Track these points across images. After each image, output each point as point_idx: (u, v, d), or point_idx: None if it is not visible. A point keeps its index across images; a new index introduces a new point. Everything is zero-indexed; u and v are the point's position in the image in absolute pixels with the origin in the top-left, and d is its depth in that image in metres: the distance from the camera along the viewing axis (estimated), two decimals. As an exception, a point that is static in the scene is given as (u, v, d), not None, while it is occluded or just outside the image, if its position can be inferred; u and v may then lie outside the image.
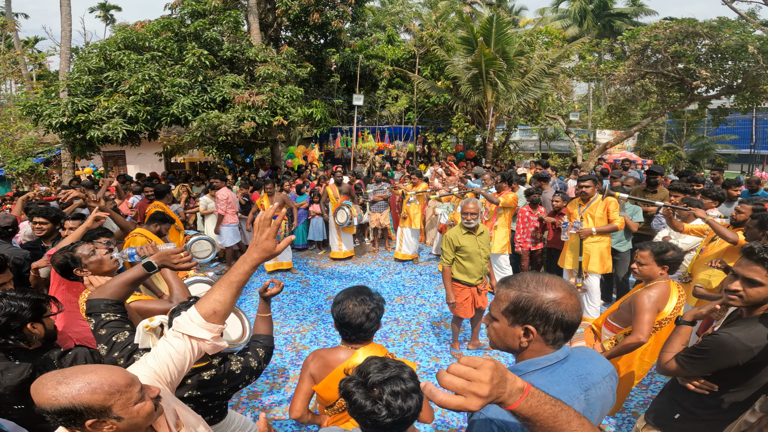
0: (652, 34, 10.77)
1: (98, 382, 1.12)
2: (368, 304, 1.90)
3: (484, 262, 4.19)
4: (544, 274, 1.25)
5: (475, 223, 4.11)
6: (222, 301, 1.44)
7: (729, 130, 21.79)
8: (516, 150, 17.78)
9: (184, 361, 1.44)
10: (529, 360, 1.24)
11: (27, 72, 20.60)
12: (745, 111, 12.60)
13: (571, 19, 28.42)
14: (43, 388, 1.09)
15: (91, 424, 1.11)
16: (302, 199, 8.21)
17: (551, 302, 1.18)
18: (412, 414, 1.30)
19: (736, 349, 1.83)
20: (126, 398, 1.15)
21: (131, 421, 1.17)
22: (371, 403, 1.29)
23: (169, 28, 10.05)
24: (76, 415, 1.09)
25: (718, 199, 4.46)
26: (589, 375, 1.25)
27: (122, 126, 8.28)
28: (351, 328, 1.90)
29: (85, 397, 1.09)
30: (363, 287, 2.01)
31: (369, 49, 14.20)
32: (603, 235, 4.76)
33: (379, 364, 1.37)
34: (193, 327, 1.43)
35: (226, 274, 1.47)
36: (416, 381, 1.34)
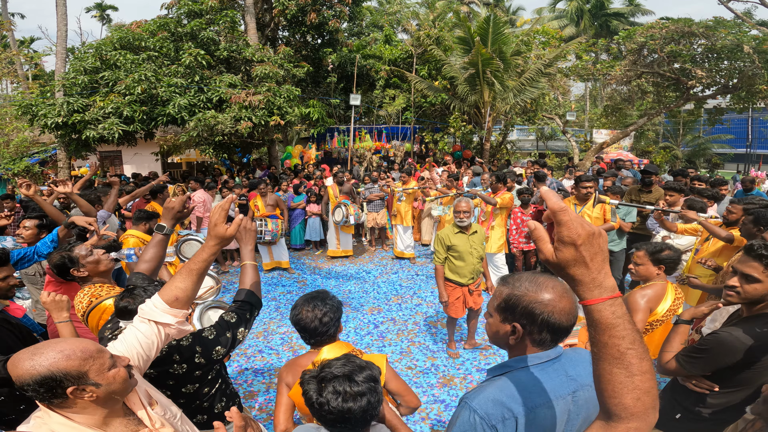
0: (649, 33, 10.79)
1: (70, 350, 1.18)
2: (321, 309, 1.97)
3: (476, 262, 4.16)
4: (542, 275, 1.25)
5: (467, 222, 4.09)
6: (184, 288, 1.53)
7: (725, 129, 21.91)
8: (513, 150, 17.80)
9: (152, 346, 1.51)
10: (520, 357, 1.25)
11: (23, 72, 20.51)
12: (740, 111, 12.65)
13: (567, 19, 28.49)
14: (20, 362, 1.14)
15: (71, 391, 1.16)
16: (300, 199, 8.20)
17: (539, 303, 1.17)
18: (356, 416, 1.32)
19: (736, 348, 1.84)
20: (99, 364, 1.21)
21: (109, 388, 1.23)
22: (316, 397, 1.33)
23: (165, 28, 10.01)
24: (56, 383, 1.14)
25: (713, 199, 4.48)
26: (578, 376, 1.25)
27: (118, 126, 8.25)
28: (307, 332, 1.98)
29: (62, 364, 1.15)
30: (320, 292, 2.07)
31: (366, 49, 14.19)
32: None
33: (341, 363, 1.39)
34: (158, 313, 1.51)
35: (188, 262, 1.58)
36: (370, 385, 1.35)
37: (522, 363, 1.23)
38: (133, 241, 4.14)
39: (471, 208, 4.10)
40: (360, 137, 13.21)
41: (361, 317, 5.46)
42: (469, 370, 4.20)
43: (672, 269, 2.70)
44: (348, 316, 5.46)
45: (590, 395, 1.23)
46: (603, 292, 0.82)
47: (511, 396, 1.17)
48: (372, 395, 1.34)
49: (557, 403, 1.19)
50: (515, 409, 1.15)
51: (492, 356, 4.45)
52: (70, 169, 11.61)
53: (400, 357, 4.46)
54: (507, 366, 1.26)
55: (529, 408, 1.15)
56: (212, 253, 1.58)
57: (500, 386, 1.20)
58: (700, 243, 3.70)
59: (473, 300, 4.25)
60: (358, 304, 5.89)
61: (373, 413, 1.37)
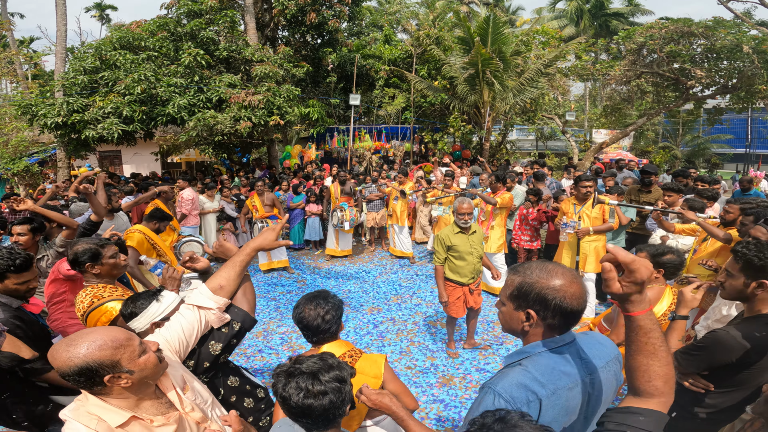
0: (648, 33, 10.79)
1: (102, 339, 1.26)
2: (323, 307, 2.01)
3: (476, 261, 4.17)
4: (550, 263, 1.31)
5: (470, 223, 4.10)
6: (227, 277, 1.72)
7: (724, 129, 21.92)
8: (513, 150, 17.80)
9: (192, 332, 1.64)
10: (535, 342, 1.30)
11: (22, 72, 20.49)
12: (740, 111, 12.67)
13: (567, 19, 28.49)
14: (57, 354, 1.23)
15: (108, 379, 1.25)
16: (299, 199, 8.20)
17: (550, 288, 1.23)
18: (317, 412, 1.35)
19: (732, 347, 1.85)
20: (130, 351, 1.29)
21: (142, 374, 1.31)
22: (281, 391, 1.37)
23: (165, 28, 10.01)
24: (93, 372, 1.23)
25: (713, 199, 4.48)
26: (593, 358, 1.31)
27: (117, 126, 8.25)
28: (309, 330, 2.02)
29: (96, 354, 1.23)
30: (321, 292, 2.11)
31: (366, 49, 14.19)
32: (599, 234, 4.79)
33: (312, 360, 1.43)
34: (203, 298, 1.67)
35: (233, 256, 1.78)
36: (335, 385, 1.38)
37: (539, 348, 1.29)
38: (138, 236, 4.13)
39: (473, 209, 4.11)
40: (359, 137, 13.21)
41: (360, 317, 5.46)
42: (468, 370, 4.20)
43: (672, 274, 2.63)
44: (348, 316, 5.47)
45: (605, 377, 1.32)
46: (645, 306, 1.09)
47: (534, 379, 1.22)
48: (336, 395, 1.37)
49: (577, 385, 1.26)
50: (539, 392, 1.20)
51: (491, 356, 4.46)
52: (70, 168, 11.61)
53: (399, 357, 4.46)
54: (524, 352, 1.31)
55: (551, 390, 1.21)
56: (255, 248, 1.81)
57: (523, 371, 1.25)
58: (698, 243, 3.70)
59: (474, 299, 4.26)
60: (357, 303, 5.89)
61: (337, 413, 1.39)
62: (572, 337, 1.32)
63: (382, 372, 1.99)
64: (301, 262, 7.85)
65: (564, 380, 1.23)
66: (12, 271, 2.37)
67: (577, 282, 1.26)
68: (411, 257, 7.76)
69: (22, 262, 2.41)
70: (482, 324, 5.18)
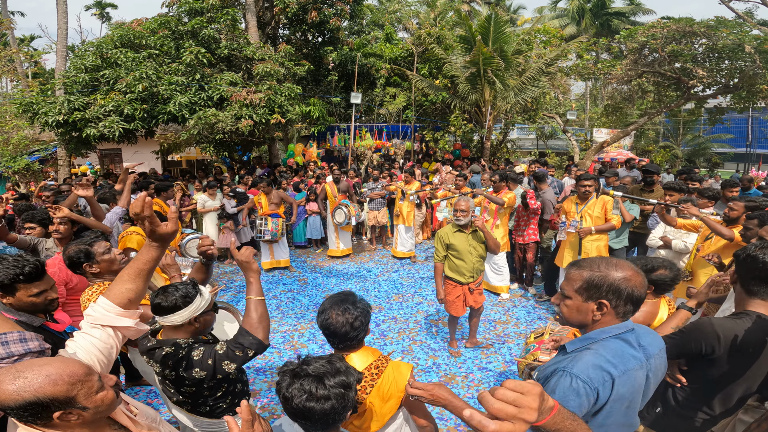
0: (650, 33, 10.78)
1: (57, 374, 1.12)
2: (352, 312, 1.87)
3: (476, 260, 4.13)
4: (610, 258, 1.47)
5: (465, 221, 4.04)
6: (135, 289, 1.48)
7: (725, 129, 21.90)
8: (513, 148, 17.81)
9: (111, 350, 1.47)
10: (601, 329, 1.43)
11: (23, 70, 20.48)
12: (741, 110, 12.65)
13: (569, 18, 28.44)
14: (2, 385, 1.08)
15: (58, 416, 1.12)
16: (299, 197, 8.20)
17: (622, 279, 1.38)
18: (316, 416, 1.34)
19: (707, 333, 1.83)
20: (87, 387, 1.17)
21: (97, 411, 1.19)
22: (284, 390, 1.36)
23: (166, 26, 10.01)
24: (42, 408, 1.10)
25: (713, 199, 4.48)
26: (649, 346, 1.46)
27: (119, 124, 8.25)
28: (337, 337, 1.88)
29: (48, 389, 1.10)
30: (348, 294, 1.98)
31: (367, 48, 14.18)
32: (601, 234, 4.79)
33: (320, 363, 1.41)
34: (114, 318, 1.45)
35: (135, 261, 1.50)
36: (339, 391, 1.37)
37: (605, 334, 1.41)
38: (137, 238, 4.12)
39: (470, 208, 4.07)
40: (360, 136, 13.21)
41: (362, 316, 5.46)
42: (470, 369, 4.20)
43: (664, 290, 2.43)
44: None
45: (659, 363, 1.48)
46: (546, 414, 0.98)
47: (608, 361, 1.34)
48: (338, 401, 1.36)
49: (642, 367, 1.40)
50: (612, 372, 1.33)
51: (493, 355, 4.46)
52: (70, 167, 11.61)
53: (401, 356, 4.47)
54: (590, 338, 1.43)
55: (622, 371, 1.34)
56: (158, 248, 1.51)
57: (595, 353, 1.37)
58: (701, 241, 3.70)
59: (474, 299, 4.25)
60: (359, 302, 5.89)
61: (337, 418, 1.38)
62: (633, 325, 1.45)
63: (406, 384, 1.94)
64: (303, 260, 7.86)
65: (632, 362, 1.37)
66: (21, 281, 2.03)
67: (639, 272, 1.40)
68: (413, 257, 7.76)
69: (31, 269, 2.05)
70: (484, 323, 5.19)
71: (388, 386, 1.87)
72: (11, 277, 2.01)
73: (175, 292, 1.90)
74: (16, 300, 2.06)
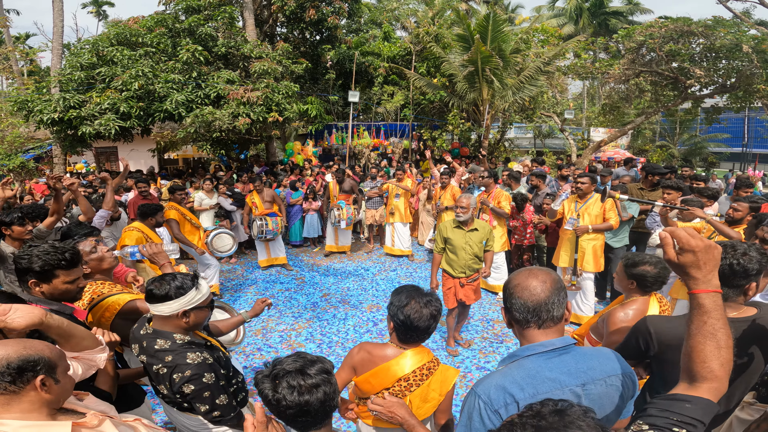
0: (647, 32, 10.79)
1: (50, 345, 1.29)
2: (434, 305, 1.87)
3: (469, 258, 4.13)
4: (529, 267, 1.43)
5: (464, 218, 4.09)
6: None
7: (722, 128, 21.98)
8: (511, 147, 17.79)
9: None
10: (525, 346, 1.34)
11: (18, 68, 20.34)
12: (738, 110, 12.68)
13: (567, 17, 28.47)
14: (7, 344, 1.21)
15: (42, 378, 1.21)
16: (297, 196, 8.17)
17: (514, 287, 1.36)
18: (315, 407, 1.34)
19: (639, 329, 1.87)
20: (64, 366, 1.32)
21: (63, 387, 1.30)
22: (272, 395, 1.34)
23: (162, 24, 9.94)
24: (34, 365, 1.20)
25: (713, 198, 4.48)
26: (589, 370, 1.29)
27: (114, 122, 8.19)
28: (418, 331, 1.85)
29: (46, 351, 1.24)
30: (426, 291, 1.96)
31: (365, 46, 14.14)
32: (598, 233, 4.78)
33: (291, 359, 1.41)
34: None
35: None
36: (323, 377, 1.37)
37: (527, 351, 1.31)
38: (137, 235, 4.09)
39: (470, 205, 4.09)
40: (358, 134, 13.18)
41: (360, 315, 5.45)
42: (468, 368, 4.19)
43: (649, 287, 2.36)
44: (347, 314, 5.45)
45: (604, 391, 1.29)
46: (709, 286, 1.08)
47: (514, 382, 1.25)
48: (326, 386, 1.37)
49: (562, 392, 1.24)
50: (517, 395, 1.22)
51: (491, 354, 4.45)
52: (66, 164, 11.54)
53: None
54: (514, 356, 1.34)
55: (530, 395, 1.21)
56: None
57: (504, 373, 1.29)
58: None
59: (464, 293, 4.25)
60: (356, 301, 5.87)
61: (332, 404, 1.39)
62: (565, 343, 1.31)
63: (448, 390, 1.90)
64: (300, 259, 7.83)
65: (547, 385, 1.23)
66: (63, 267, 2.05)
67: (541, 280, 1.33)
68: (410, 255, 7.75)
69: (72, 255, 2.08)
70: (482, 322, 5.18)
71: (432, 389, 1.88)
72: (54, 263, 2.02)
73: (172, 281, 1.88)
74: (51, 287, 2.06)
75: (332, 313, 5.51)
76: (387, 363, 1.92)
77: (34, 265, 2.00)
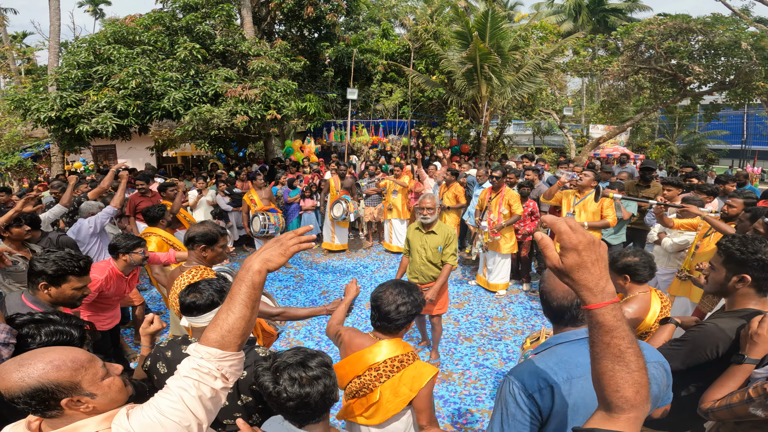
0: (646, 29, 10.79)
1: (60, 359, 1.12)
2: (404, 297, 1.94)
3: (421, 263, 3.90)
4: None
5: (431, 219, 3.83)
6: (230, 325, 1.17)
7: (720, 125, 21.98)
8: (510, 144, 17.79)
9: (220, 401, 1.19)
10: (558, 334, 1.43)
11: (15, 67, 20.27)
12: (737, 107, 12.69)
13: (565, 15, 28.41)
14: (7, 374, 1.08)
15: (66, 402, 1.10)
16: (295, 194, 8.15)
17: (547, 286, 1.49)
18: (315, 399, 1.34)
19: (719, 338, 1.80)
20: (92, 374, 1.15)
21: (106, 397, 1.17)
22: (273, 386, 1.34)
23: (160, 22, 9.90)
24: (48, 395, 1.08)
25: (712, 195, 4.47)
26: None
27: (112, 120, 8.17)
28: (379, 312, 1.94)
29: (52, 375, 1.09)
30: (413, 286, 2.03)
31: (363, 44, 14.09)
32: (594, 231, 4.77)
33: (291, 351, 1.42)
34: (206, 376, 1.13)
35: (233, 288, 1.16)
36: (323, 369, 1.39)
37: (559, 339, 1.38)
38: (157, 240, 4.05)
39: (435, 205, 3.89)
40: (357, 131, 13.16)
41: (358, 312, 5.44)
42: (467, 366, 4.19)
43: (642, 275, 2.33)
44: (345, 312, 5.44)
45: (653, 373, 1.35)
46: (606, 297, 0.89)
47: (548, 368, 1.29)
48: (327, 379, 1.38)
49: None
50: (552, 379, 1.26)
51: (490, 351, 4.45)
52: (64, 163, 11.51)
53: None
54: (545, 344, 1.40)
55: (564, 378, 1.26)
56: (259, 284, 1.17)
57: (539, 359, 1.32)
58: (699, 239, 3.68)
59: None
60: (355, 299, 5.86)
61: (331, 396, 1.39)
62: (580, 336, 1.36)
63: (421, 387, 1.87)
64: (298, 256, 7.81)
65: (579, 369, 1.27)
66: (76, 273, 2.21)
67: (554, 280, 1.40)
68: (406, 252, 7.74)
69: (85, 263, 2.26)
70: (481, 319, 5.17)
71: (404, 383, 1.87)
72: (68, 269, 2.17)
73: (208, 287, 1.77)
74: (59, 291, 2.19)
75: (331, 311, 5.50)
76: (361, 351, 1.95)
77: (48, 269, 2.13)
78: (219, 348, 1.11)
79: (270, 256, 1.16)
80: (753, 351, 1.64)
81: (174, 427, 1.08)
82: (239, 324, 1.12)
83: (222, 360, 1.12)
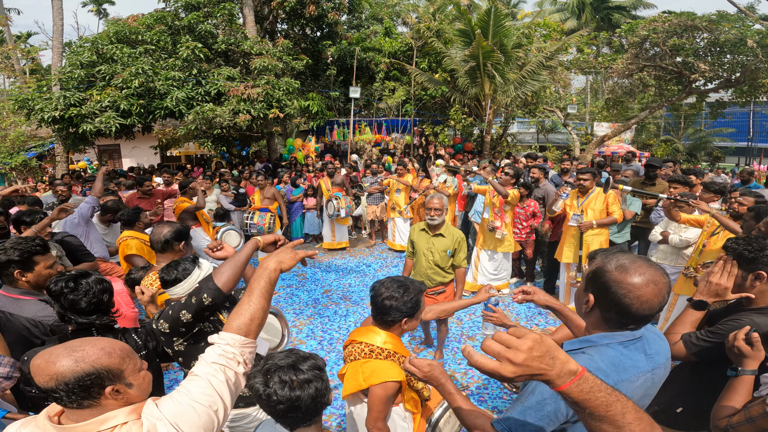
0: (651, 27, 10.69)
1: (110, 347, 1.15)
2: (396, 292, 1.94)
3: (427, 267, 3.76)
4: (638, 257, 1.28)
5: (438, 220, 3.70)
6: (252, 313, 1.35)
7: (726, 123, 21.82)
8: (514, 142, 17.73)
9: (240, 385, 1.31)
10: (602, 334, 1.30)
11: (19, 67, 20.36)
12: (743, 104, 12.56)
13: (569, 12, 28.26)
14: (59, 359, 1.08)
15: (110, 390, 1.12)
16: (298, 192, 8.15)
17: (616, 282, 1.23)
18: (306, 403, 1.33)
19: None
20: (133, 364, 1.19)
21: (140, 389, 1.20)
22: (263, 389, 1.34)
23: (162, 22, 9.92)
24: (98, 380, 1.10)
25: (719, 193, 4.42)
26: (656, 354, 1.31)
27: (115, 119, 8.18)
28: (372, 303, 2.00)
29: (105, 360, 1.11)
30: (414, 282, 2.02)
31: (366, 42, 14.07)
32: (602, 228, 4.73)
33: (283, 354, 1.41)
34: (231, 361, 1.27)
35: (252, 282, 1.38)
36: (315, 372, 1.38)
37: (606, 340, 1.28)
38: (135, 243, 3.95)
39: (443, 206, 3.75)
40: (360, 130, 13.14)
41: (361, 311, 5.42)
42: (469, 366, 4.15)
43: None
44: (348, 310, 5.43)
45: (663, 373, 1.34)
46: (566, 379, 0.87)
47: (599, 369, 1.21)
48: (319, 382, 1.37)
49: (639, 378, 1.26)
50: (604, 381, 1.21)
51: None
52: (68, 163, 11.55)
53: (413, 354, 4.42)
54: (588, 341, 1.30)
55: (615, 381, 1.20)
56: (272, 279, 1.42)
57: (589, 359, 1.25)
58: (707, 236, 3.63)
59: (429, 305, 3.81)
60: (358, 297, 5.85)
61: (323, 400, 1.38)
62: (640, 334, 1.30)
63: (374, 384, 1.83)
64: (301, 256, 7.80)
65: (630, 372, 1.24)
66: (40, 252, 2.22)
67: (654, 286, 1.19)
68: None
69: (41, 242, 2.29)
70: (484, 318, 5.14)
71: (362, 371, 1.88)
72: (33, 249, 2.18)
73: (177, 266, 2.06)
74: (35, 275, 2.20)
75: (333, 309, 5.48)
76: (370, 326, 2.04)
77: (13, 256, 2.12)
78: (242, 335, 1.28)
79: (283, 259, 1.43)
80: (745, 363, 1.67)
81: (204, 411, 1.15)
82: (258, 314, 1.33)
83: (244, 346, 1.28)
